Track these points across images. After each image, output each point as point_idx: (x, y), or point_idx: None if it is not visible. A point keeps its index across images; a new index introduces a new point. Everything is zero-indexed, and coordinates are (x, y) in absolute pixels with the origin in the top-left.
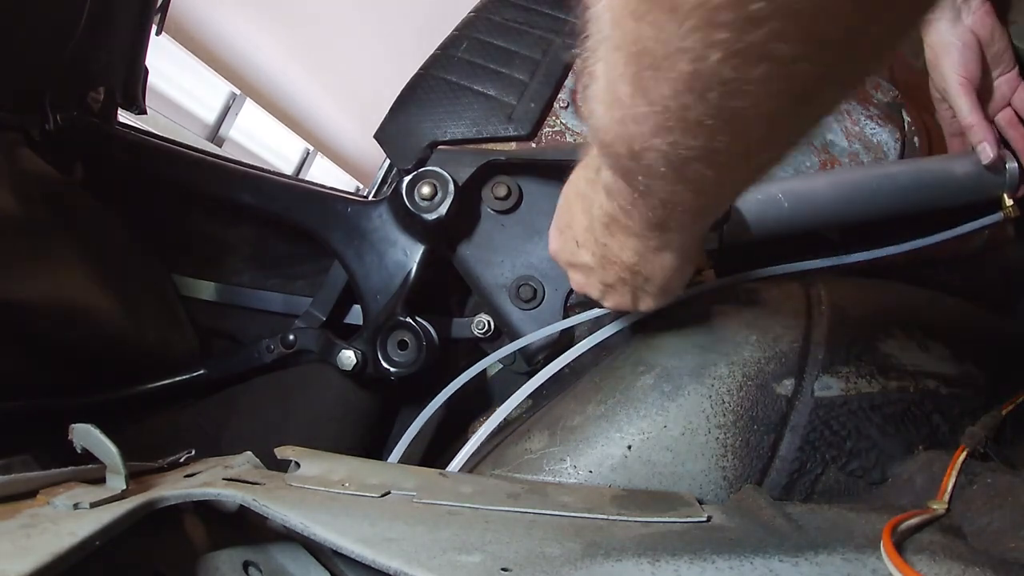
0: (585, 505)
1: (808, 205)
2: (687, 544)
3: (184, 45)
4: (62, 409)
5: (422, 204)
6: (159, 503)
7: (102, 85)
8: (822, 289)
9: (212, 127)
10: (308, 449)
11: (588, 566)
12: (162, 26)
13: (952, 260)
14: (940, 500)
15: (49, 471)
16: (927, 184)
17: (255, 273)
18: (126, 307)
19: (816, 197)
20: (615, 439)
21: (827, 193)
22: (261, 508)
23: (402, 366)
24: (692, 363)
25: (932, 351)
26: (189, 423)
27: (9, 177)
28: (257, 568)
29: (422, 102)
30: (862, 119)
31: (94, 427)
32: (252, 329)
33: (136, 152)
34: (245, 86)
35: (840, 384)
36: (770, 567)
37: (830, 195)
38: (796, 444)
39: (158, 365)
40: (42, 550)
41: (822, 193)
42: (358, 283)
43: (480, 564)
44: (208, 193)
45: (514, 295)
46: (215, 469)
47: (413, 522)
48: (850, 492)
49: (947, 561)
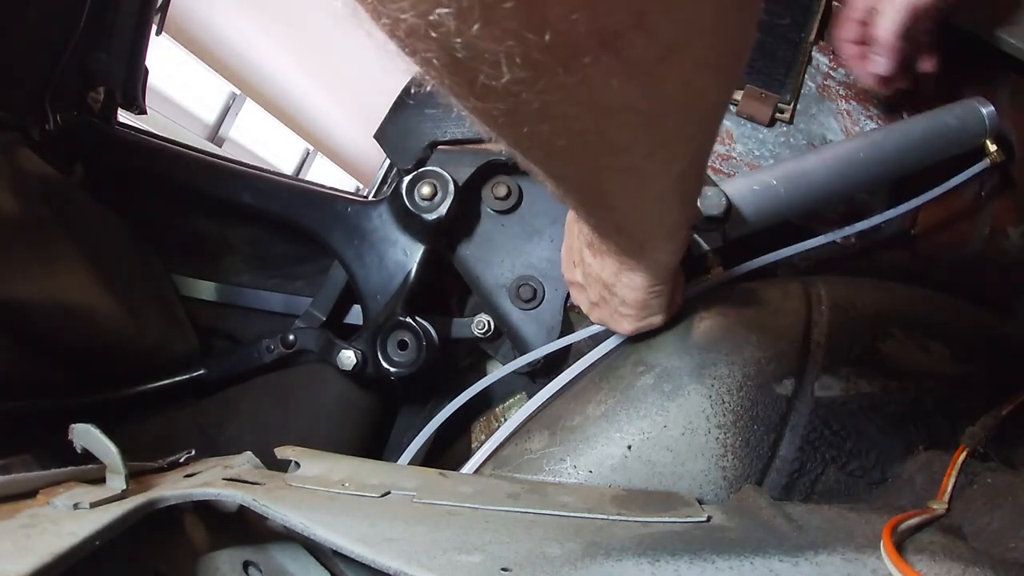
0: (585, 505)
1: (803, 186)
2: (687, 544)
3: (184, 45)
4: (62, 409)
5: (422, 204)
6: (159, 503)
7: (102, 85)
8: (822, 289)
9: (212, 127)
10: (308, 449)
11: (588, 566)
12: (162, 26)
13: (952, 260)
14: (940, 500)
15: (49, 471)
16: (912, 144)
17: (255, 273)
18: (126, 307)
19: (809, 177)
20: (615, 439)
21: (819, 171)
22: (261, 508)
23: (402, 366)
24: (692, 363)
25: (932, 351)
26: (189, 423)
27: (9, 177)
28: (257, 568)
29: (422, 102)
30: (862, 119)
31: (94, 427)
32: (252, 329)
33: (136, 152)
34: (245, 86)
35: (840, 384)
36: (770, 567)
37: (822, 173)
38: (796, 444)
39: (158, 365)
40: (42, 550)
41: (814, 172)
42: (358, 283)
43: (480, 564)
44: (208, 193)
45: (514, 295)
46: (215, 469)
47: (413, 522)
48: (850, 492)
49: (947, 561)
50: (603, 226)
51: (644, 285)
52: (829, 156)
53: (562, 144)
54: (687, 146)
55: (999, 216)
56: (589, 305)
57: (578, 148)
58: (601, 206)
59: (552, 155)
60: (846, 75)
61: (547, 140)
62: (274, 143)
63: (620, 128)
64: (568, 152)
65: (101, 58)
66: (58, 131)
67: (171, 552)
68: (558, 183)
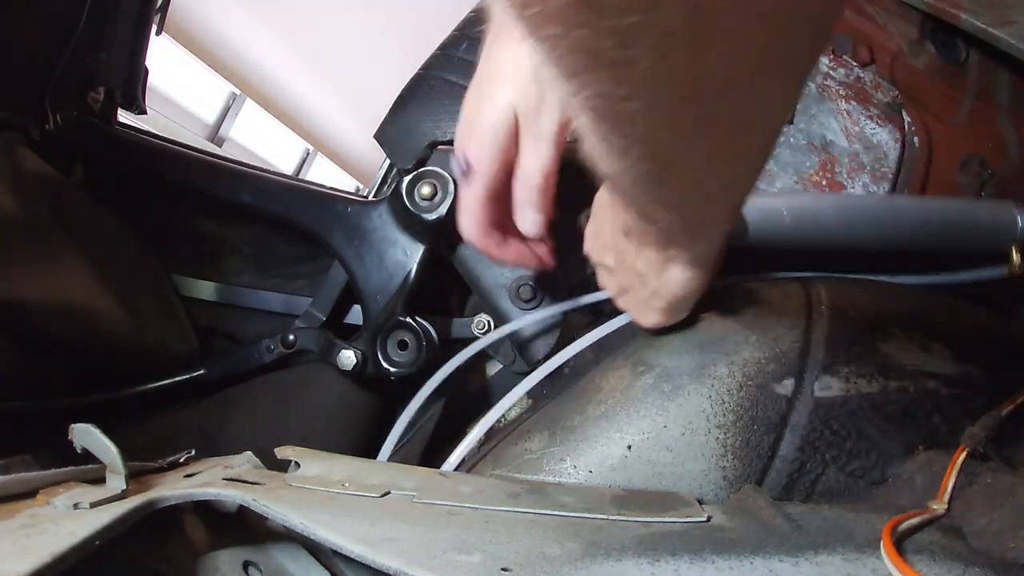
0: (585, 505)
1: (810, 223)
2: (687, 544)
3: (184, 45)
4: (62, 409)
5: (422, 204)
6: (159, 503)
7: (102, 85)
8: (822, 289)
9: (212, 127)
10: (308, 449)
11: (588, 566)
12: (162, 26)
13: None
14: (940, 500)
15: (49, 471)
16: (935, 225)
17: (255, 273)
18: (126, 307)
19: (819, 217)
20: (615, 439)
21: (830, 215)
22: (261, 508)
23: (402, 366)
24: (692, 363)
25: (932, 351)
26: (189, 423)
27: (9, 177)
28: (257, 568)
29: (422, 102)
30: (862, 119)
31: (94, 427)
32: (252, 329)
33: (136, 152)
34: (245, 86)
35: (840, 384)
36: (770, 567)
37: (833, 218)
38: (796, 444)
39: (158, 365)
40: (42, 550)
41: (825, 214)
42: (358, 283)
43: (480, 564)
44: (208, 193)
45: (514, 295)
46: (215, 469)
47: (413, 522)
48: (850, 492)
49: (947, 561)
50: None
51: (682, 279)
52: (847, 204)
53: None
54: (805, 72)
55: None
56: (618, 289)
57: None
58: (679, 171)
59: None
60: (846, 75)
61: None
62: (274, 143)
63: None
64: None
65: (101, 58)
66: (58, 131)
67: (171, 552)
68: (646, 145)
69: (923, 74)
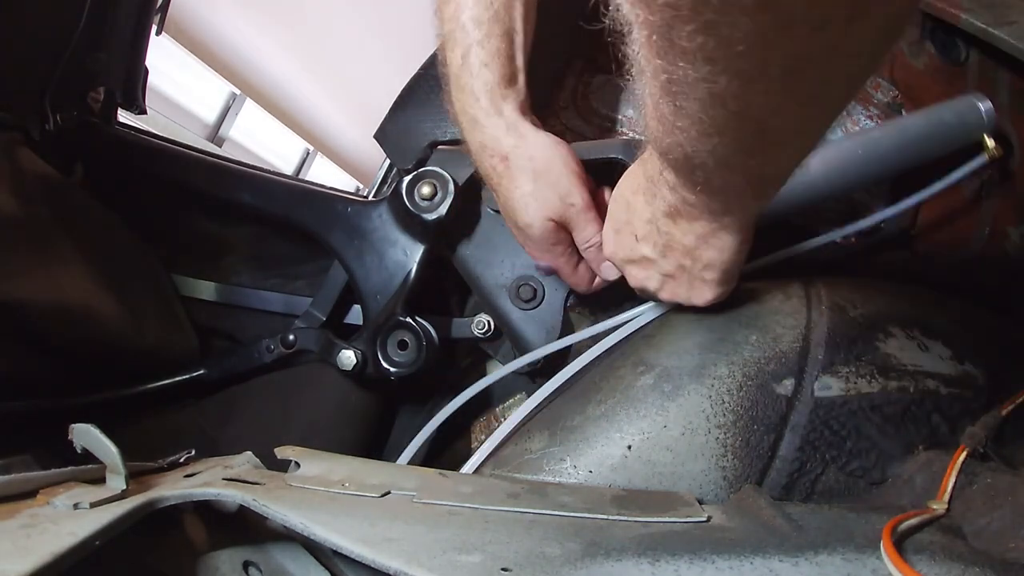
0: (585, 505)
1: (800, 184)
2: (687, 544)
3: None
4: (62, 409)
5: (422, 204)
6: (159, 503)
7: (102, 85)
8: (822, 289)
9: (212, 127)
10: (308, 449)
11: (588, 566)
12: (162, 26)
13: (952, 260)
14: (940, 500)
15: (49, 471)
16: (910, 141)
17: (255, 273)
18: (126, 307)
19: (806, 174)
20: (615, 439)
21: (817, 169)
22: (261, 508)
23: (402, 366)
24: (692, 363)
25: (932, 351)
26: (189, 423)
27: (9, 177)
28: (257, 568)
29: (422, 102)
30: (862, 119)
31: (94, 427)
32: (252, 329)
33: (136, 152)
34: (245, 86)
35: (840, 384)
36: (770, 567)
37: (820, 170)
38: (796, 444)
39: (158, 365)
40: (42, 550)
41: (812, 169)
42: (358, 283)
43: (480, 564)
44: (208, 193)
45: (514, 295)
46: (215, 469)
47: (413, 522)
48: (850, 492)
49: (947, 561)
50: (735, 173)
51: (733, 244)
52: (827, 154)
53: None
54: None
55: (999, 216)
56: (660, 279)
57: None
58: (771, 133)
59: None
60: None
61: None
62: (274, 143)
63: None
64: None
65: (101, 58)
66: (58, 131)
67: (171, 552)
68: (740, 104)
69: (923, 74)
